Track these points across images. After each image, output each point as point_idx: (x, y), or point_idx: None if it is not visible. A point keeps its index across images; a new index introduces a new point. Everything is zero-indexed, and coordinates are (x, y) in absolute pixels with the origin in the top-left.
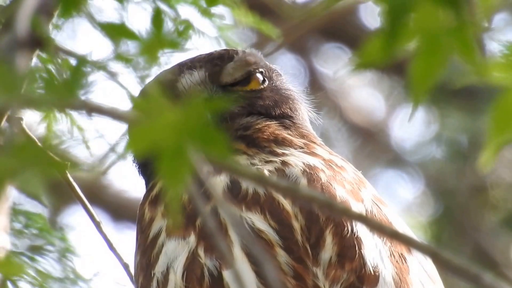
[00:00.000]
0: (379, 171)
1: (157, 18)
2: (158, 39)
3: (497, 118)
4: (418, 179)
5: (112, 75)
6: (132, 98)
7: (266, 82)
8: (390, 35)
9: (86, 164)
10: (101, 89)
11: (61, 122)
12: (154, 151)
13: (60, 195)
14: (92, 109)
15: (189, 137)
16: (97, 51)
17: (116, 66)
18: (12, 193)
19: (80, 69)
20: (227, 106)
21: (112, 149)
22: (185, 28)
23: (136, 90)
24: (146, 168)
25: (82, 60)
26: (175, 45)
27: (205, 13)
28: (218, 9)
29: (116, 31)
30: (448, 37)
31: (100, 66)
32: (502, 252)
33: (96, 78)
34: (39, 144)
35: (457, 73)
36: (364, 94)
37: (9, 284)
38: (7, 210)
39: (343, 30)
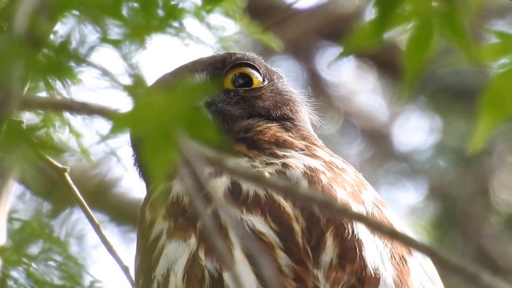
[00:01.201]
0: (382, 175)
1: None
2: (147, 22)
3: (489, 99)
4: (421, 184)
5: (84, 61)
6: (117, 81)
7: (266, 81)
8: (380, 19)
9: (73, 150)
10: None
11: (59, 125)
12: (141, 133)
13: (60, 199)
14: (92, 111)
15: (176, 119)
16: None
17: (103, 54)
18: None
19: (60, 58)
20: (215, 90)
21: (104, 138)
22: (171, 10)
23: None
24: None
25: (63, 47)
26: (162, 28)
27: (206, 24)
28: (220, 20)
29: (104, 11)
30: (440, 21)
31: (81, 55)
32: (505, 256)
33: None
34: (22, 126)
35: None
36: (368, 99)
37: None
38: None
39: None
